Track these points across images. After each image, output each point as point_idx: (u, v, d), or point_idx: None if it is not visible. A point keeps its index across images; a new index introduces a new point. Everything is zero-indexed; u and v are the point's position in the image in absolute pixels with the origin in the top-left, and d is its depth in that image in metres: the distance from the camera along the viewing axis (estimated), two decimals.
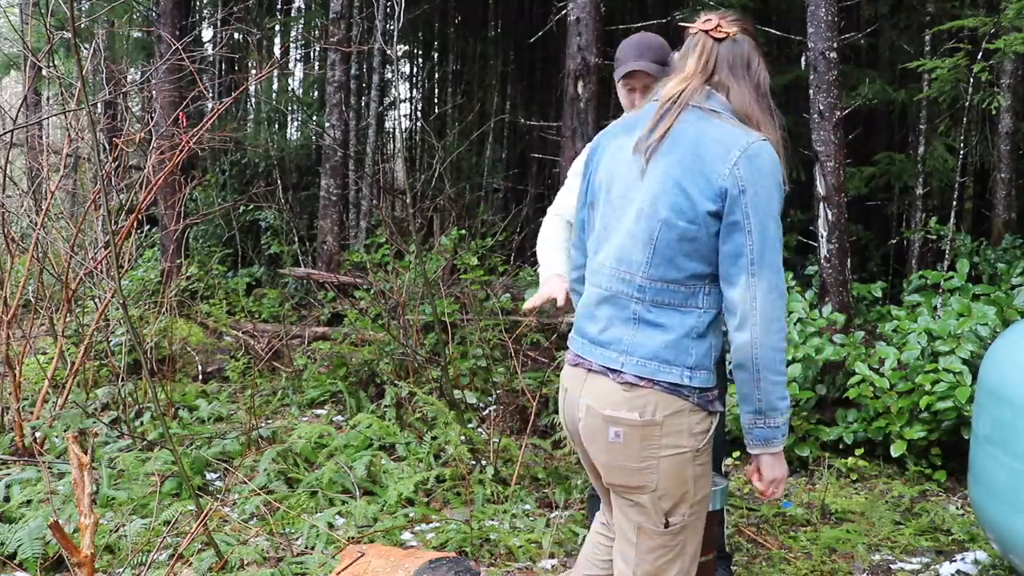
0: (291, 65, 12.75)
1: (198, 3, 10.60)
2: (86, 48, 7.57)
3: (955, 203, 5.81)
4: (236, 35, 10.35)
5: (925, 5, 6.99)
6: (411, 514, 3.55)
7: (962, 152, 5.86)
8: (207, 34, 11.07)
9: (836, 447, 4.33)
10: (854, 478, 4.10)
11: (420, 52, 13.24)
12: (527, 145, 11.27)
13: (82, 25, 7.24)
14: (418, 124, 12.45)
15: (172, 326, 5.90)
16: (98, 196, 4.54)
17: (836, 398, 4.42)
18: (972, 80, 5.36)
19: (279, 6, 11.95)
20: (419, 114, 13.07)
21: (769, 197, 1.68)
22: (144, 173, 4.78)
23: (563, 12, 6.26)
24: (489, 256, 6.88)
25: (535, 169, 11.23)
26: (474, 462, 3.96)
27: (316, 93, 11.25)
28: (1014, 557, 2.70)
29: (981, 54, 5.07)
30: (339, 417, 5.00)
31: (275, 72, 11.03)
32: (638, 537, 1.83)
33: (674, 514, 1.80)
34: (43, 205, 4.62)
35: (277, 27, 11.79)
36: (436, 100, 13.22)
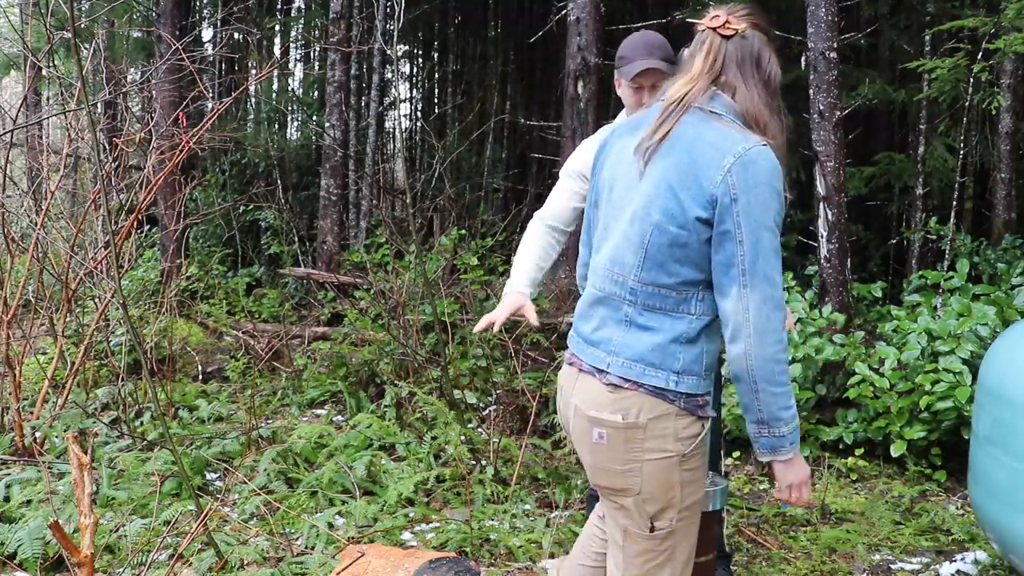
0: (291, 65, 12.75)
1: (198, 3, 10.60)
2: (86, 48, 7.57)
3: (955, 203, 5.81)
4: (236, 35, 10.35)
5: (925, 5, 6.99)
6: (411, 514, 3.55)
7: (962, 152, 5.86)
8: (207, 34, 11.07)
9: (836, 447, 4.33)
10: (854, 478, 4.10)
11: (420, 52, 13.24)
12: (527, 145, 11.27)
13: (82, 25, 7.24)
14: (418, 124, 12.45)
15: (172, 326, 5.90)
16: (98, 196, 4.54)
17: (836, 398, 4.42)
18: (972, 80, 5.36)
19: (279, 6, 11.95)
20: (419, 114, 13.07)
21: (764, 206, 1.62)
22: (144, 173, 4.78)
23: (563, 12, 6.27)
24: (489, 256, 6.88)
25: (535, 169, 11.22)
26: (474, 462, 3.96)
27: (316, 93, 11.25)
28: (1014, 557, 2.70)
29: (981, 54, 5.07)
30: (339, 417, 5.00)
31: (275, 72, 11.03)
32: (624, 540, 1.81)
33: (660, 519, 1.76)
34: (43, 205, 4.62)
35: (277, 27, 11.79)
36: (436, 100, 13.22)
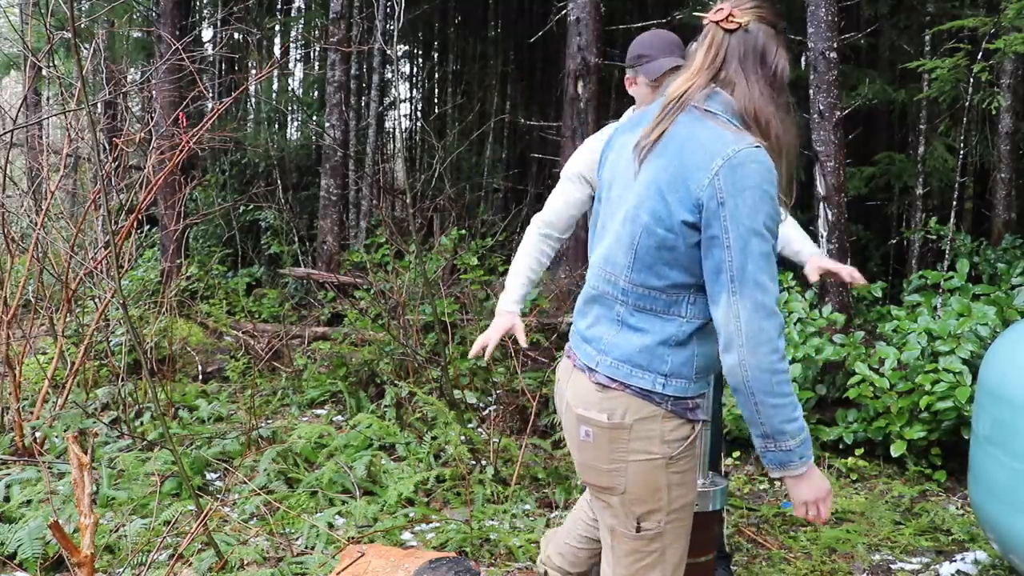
0: (291, 65, 12.76)
1: (198, 3, 10.60)
2: (86, 48, 7.58)
3: (955, 203, 5.81)
4: (236, 35, 10.35)
5: (925, 5, 7.00)
6: (411, 514, 3.55)
7: (962, 152, 5.86)
8: (207, 34, 11.07)
9: (836, 447, 4.33)
10: (854, 478, 4.10)
11: (420, 52, 13.24)
12: (527, 145, 11.27)
13: (82, 25, 7.24)
14: (418, 124, 12.45)
15: (172, 326, 5.90)
16: (98, 196, 4.54)
17: (836, 398, 4.42)
18: (972, 80, 5.36)
19: (279, 6, 11.96)
20: (419, 114, 13.07)
21: (753, 210, 1.55)
22: (144, 173, 4.78)
23: (563, 12, 6.27)
24: (489, 256, 6.88)
25: (535, 169, 11.23)
26: (474, 462, 3.96)
27: (316, 93, 11.25)
28: (1014, 557, 2.70)
29: (981, 54, 5.07)
30: (339, 417, 5.00)
31: (275, 72, 11.03)
32: (613, 540, 1.81)
33: (647, 520, 1.74)
34: (43, 205, 4.62)
35: (277, 27, 11.79)
36: (436, 100, 13.23)
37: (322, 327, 6.54)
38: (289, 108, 11.65)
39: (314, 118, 10.56)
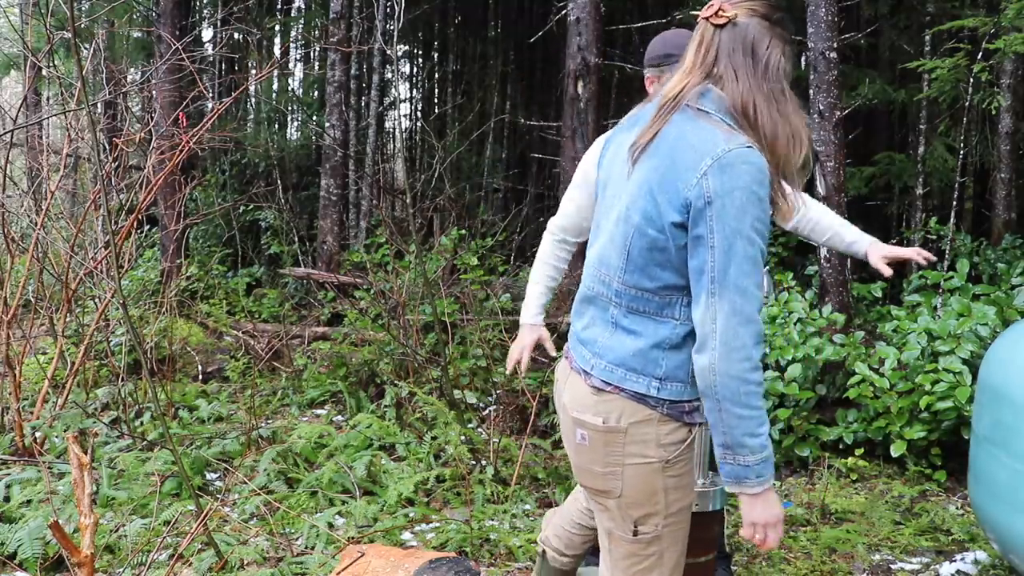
0: (291, 65, 12.75)
1: (198, 3, 10.60)
2: (86, 48, 7.58)
3: (955, 203, 5.81)
4: (236, 35, 10.35)
5: (925, 5, 6.99)
6: (411, 514, 3.55)
7: (962, 152, 5.86)
8: (207, 34, 11.07)
9: (836, 447, 4.32)
10: (854, 478, 4.10)
11: (420, 52, 13.24)
12: (527, 145, 11.27)
13: (82, 25, 7.24)
14: (418, 124, 12.45)
15: (172, 326, 5.90)
16: (98, 196, 4.54)
17: (836, 398, 4.42)
18: (972, 80, 5.36)
19: (279, 6, 11.95)
20: (419, 114, 13.07)
21: (740, 211, 1.52)
22: (144, 173, 4.78)
23: (563, 12, 6.26)
24: (489, 256, 6.87)
25: (535, 169, 11.23)
26: (474, 462, 3.96)
27: (316, 93, 11.25)
28: (1014, 557, 2.70)
29: (981, 54, 5.07)
30: (339, 417, 5.01)
31: (275, 72, 11.03)
32: (610, 543, 1.80)
33: (644, 523, 1.73)
34: (43, 205, 4.63)
35: (277, 27, 11.79)
36: (436, 100, 13.22)
37: (322, 327, 6.54)
38: (289, 108, 11.65)
39: (314, 118, 10.56)
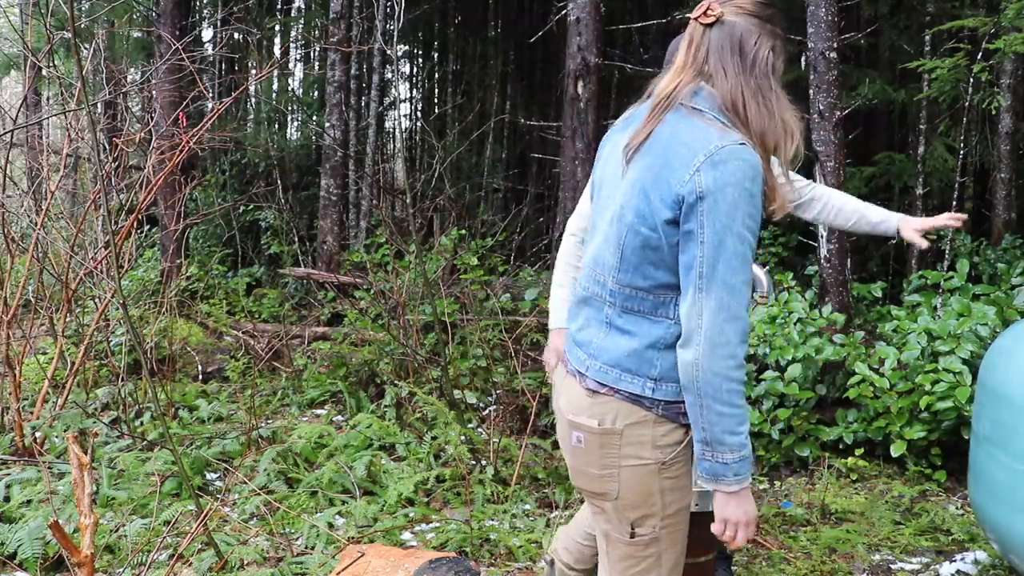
0: (291, 65, 12.75)
1: (198, 3, 10.60)
2: (86, 48, 7.58)
3: (955, 203, 5.81)
4: (236, 35, 10.34)
5: (925, 5, 6.99)
6: (411, 514, 3.55)
7: (962, 152, 5.86)
8: (207, 34, 11.07)
9: (836, 447, 4.32)
10: (854, 478, 4.10)
11: (420, 52, 13.24)
12: (527, 145, 11.27)
13: (82, 25, 7.24)
14: (418, 124, 12.45)
15: (172, 326, 5.90)
16: (98, 196, 4.54)
17: (836, 398, 4.42)
18: (972, 80, 5.36)
19: (279, 6, 11.95)
20: (419, 114, 13.07)
21: (732, 207, 1.53)
22: (144, 173, 4.78)
23: (563, 12, 6.26)
24: (489, 256, 6.88)
25: (535, 169, 11.23)
26: (474, 462, 3.96)
27: (316, 93, 11.24)
28: (1014, 557, 2.70)
29: (981, 54, 5.07)
30: (339, 417, 5.00)
31: (275, 72, 11.03)
32: (607, 545, 1.80)
33: (642, 525, 1.72)
34: (43, 205, 4.63)
35: (277, 27, 11.78)
36: (436, 100, 13.22)
37: (322, 327, 6.54)
38: (289, 108, 11.65)
39: (314, 118, 10.56)
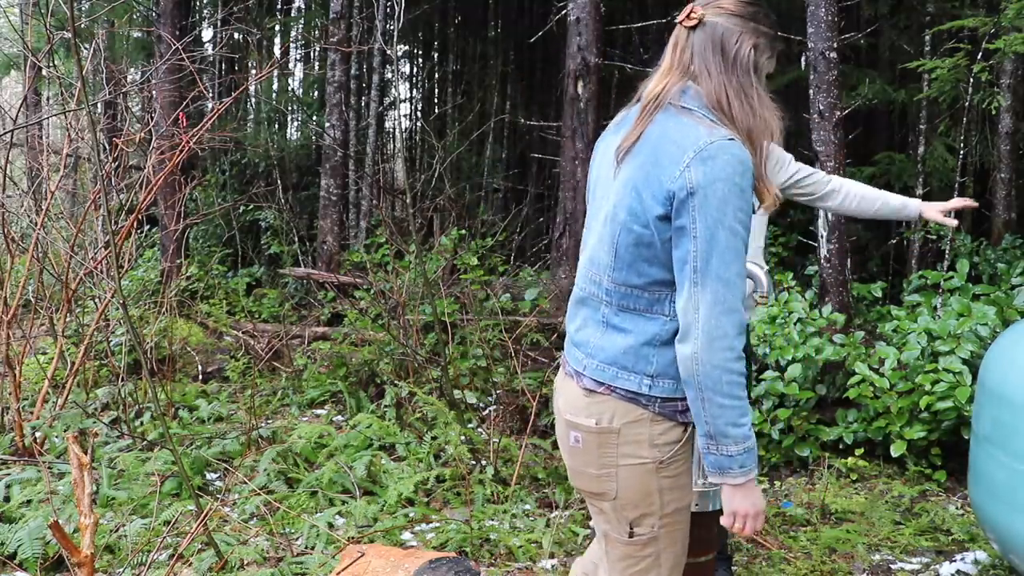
0: (291, 65, 12.74)
1: (198, 3, 10.59)
2: (86, 48, 7.57)
3: None
4: (236, 35, 10.34)
5: (925, 5, 6.99)
6: (411, 514, 3.55)
7: (962, 152, 5.86)
8: (207, 34, 11.06)
9: (836, 447, 4.32)
10: (854, 478, 4.10)
11: (420, 52, 13.23)
12: (527, 145, 11.27)
13: (82, 25, 7.24)
14: (418, 124, 12.44)
15: (172, 326, 5.90)
16: (98, 196, 4.54)
17: (836, 398, 4.42)
18: (972, 80, 5.36)
19: (279, 6, 11.95)
20: (419, 114, 13.06)
21: (722, 202, 1.55)
22: (144, 173, 4.78)
23: (563, 12, 6.26)
24: (489, 256, 6.88)
25: (535, 169, 11.22)
26: (474, 462, 3.96)
27: (316, 93, 11.24)
28: (1014, 557, 2.71)
29: (981, 54, 5.07)
30: (339, 417, 5.00)
31: (275, 72, 11.02)
32: (607, 545, 1.80)
33: (640, 525, 1.73)
34: (43, 205, 4.63)
35: (277, 27, 11.78)
36: (436, 100, 13.22)
37: (322, 327, 6.54)
38: (289, 108, 11.65)
39: (314, 118, 10.56)
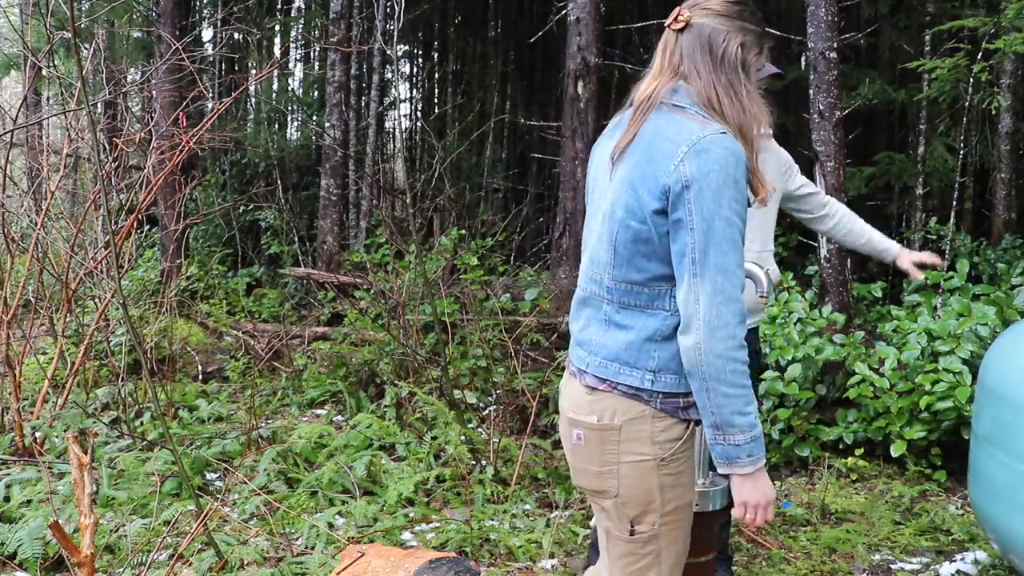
0: (291, 65, 12.74)
1: (198, 3, 10.59)
2: (86, 48, 7.57)
3: (955, 203, 5.81)
4: (236, 35, 10.34)
5: (925, 5, 6.99)
6: (411, 514, 3.55)
7: (962, 152, 5.86)
8: (207, 34, 11.06)
9: (836, 447, 4.32)
10: (854, 478, 4.10)
11: (420, 52, 13.23)
12: (527, 145, 11.27)
13: (82, 25, 7.24)
14: (418, 124, 12.44)
15: (172, 326, 5.90)
16: (98, 196, 4.54)
17: (836, 398, 4.42)
18: (972, 80, 5.36)
19: (279, 6, 11.95)
20: (419, 114, 13.06)
21: (717, 193, 1.58)
22: (144, 173, 4.78)
23: (563, 12, 6.27)
24: (489, 256, 6.87)
25: (535, 169, 11.22)
26: (474, 462, 3.96)
27: (316, 93, 11.24)
28: (1014, 557, 2.70)
29: (981, 54, 5.07)
30: (339, 417, 5.00)
31: (275, 72, 11.02)
32: (608, 543, 1.81)
33: (641, 522, 1.74)
34: (43, 205, 4.63)
35: (277, 27, 11.78)
36: (436, 100, 13.22)
37: (322, 327, 6.54)
38: (289, 108, 11.65)
39: (314, 118, 10.56)
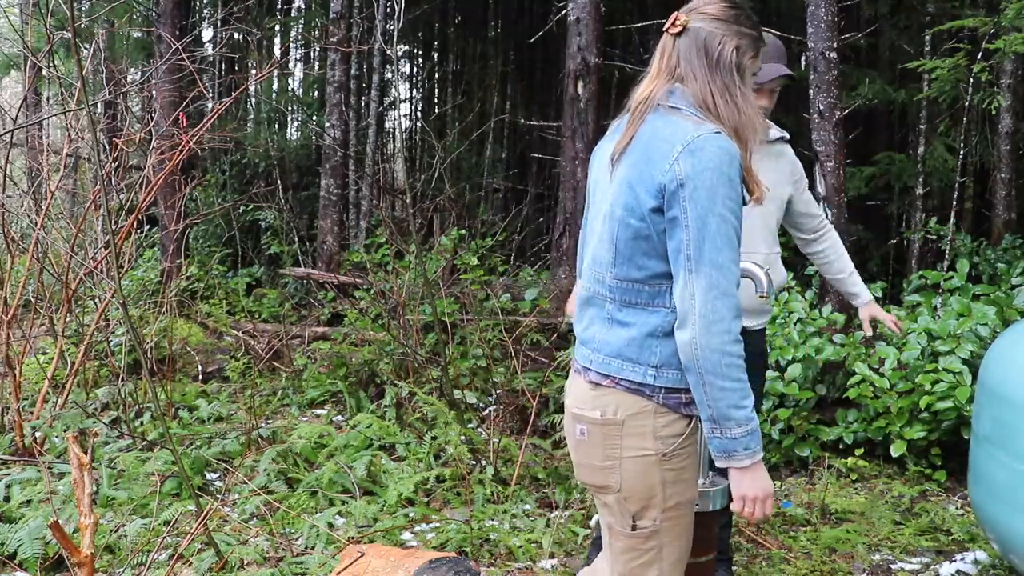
0: (291, 65, 12.74)
1: (198, 3, 10.59)
2: (86, 48, 7.57)
3: (955, 203, 5.81)
4: (236, 35, 10.34)
5: (925, 5, 7.00)
6: (411, 514, 3.55)
7: (962, 152, 5.86)
8: (207, 34, 11.06)
9: (836, 447, 4.32)
10: (854, 478, 4.10)
11: (420, 52, 13.23)
12: (527, 145, 11.27)
13: (82, 25, 7.23)
14: (418, 124, 12.44)
15: (172, 326, 5.90)
16: (98, 196, 4.54)
17: (836, 398, 4.42)
18: (972, 80, 5.36)
19: (279, 6, 11.95)
20: (419, 114, 13.06)
21: (711, 191, 1.61)
22: (144, 173, 4.78)
23: (563, 12, 6.26)
24: (489, 256, 6.88)
25: (535, 169, 11.22)
26: (474, 462, 3.96)
27: (316, 93, 11.24)
28: (1014, 557, 2.70)
29: (981, 54, 5.07)
30: (339, 417, 5.00)
31: (275, 72, 11.02)
32: (611, 538, 1.84)
33: (642, 517, 1.76)
34: (43, 205, 4.63)
35: (277, 27, 11.78)
36: (436, 100, 13.22)
37: (322, 327, 6.54)
38: (289, 108, 11.65)
39: (314, 118, 10.56)
